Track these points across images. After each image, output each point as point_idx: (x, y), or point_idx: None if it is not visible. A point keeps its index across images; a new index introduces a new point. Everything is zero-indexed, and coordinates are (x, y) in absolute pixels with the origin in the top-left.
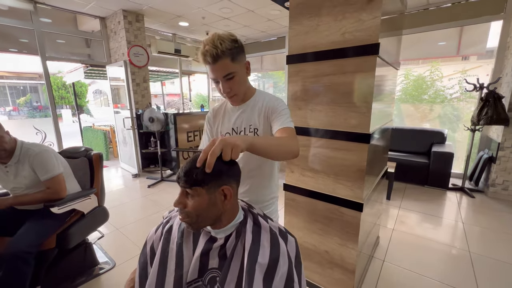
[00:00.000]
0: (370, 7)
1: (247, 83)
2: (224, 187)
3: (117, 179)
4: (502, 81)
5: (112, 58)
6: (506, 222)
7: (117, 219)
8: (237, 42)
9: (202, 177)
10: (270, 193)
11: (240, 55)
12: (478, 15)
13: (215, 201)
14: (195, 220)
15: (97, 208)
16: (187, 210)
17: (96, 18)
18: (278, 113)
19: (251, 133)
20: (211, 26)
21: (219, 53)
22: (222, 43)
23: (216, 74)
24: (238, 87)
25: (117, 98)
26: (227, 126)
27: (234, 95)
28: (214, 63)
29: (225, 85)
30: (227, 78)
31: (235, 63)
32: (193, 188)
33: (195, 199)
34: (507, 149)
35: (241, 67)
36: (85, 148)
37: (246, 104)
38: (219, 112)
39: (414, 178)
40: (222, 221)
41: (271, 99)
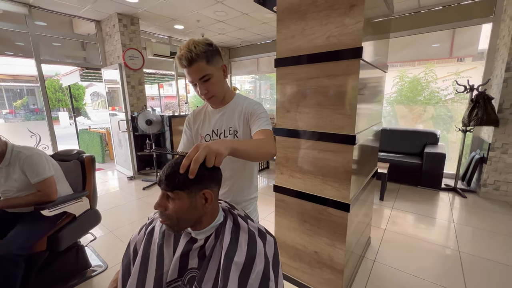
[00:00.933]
0: (353, 12)
1: (224, 85)
2: (205, 191)
3: (113, 182)
4: (492, 82)
5: (107, 61)
6: (497, 222)
7: (111, 222)
8: (211, 46)
9: (183, 181)
10: (249, 194)
11: (215, 58)
12: (469, 18)
13: (196, 205)
14: (176, 222)
15: (89, 210)
16: (168, 213)
17: (92, 21)
18: (257, 116)
19: (230, 135)
20: (206, 29)
21: (194, 56)
22: (197, 46)
23: (193, 76)
24: (215, 88)
25: (113, 101)
26: (207, 127)
27: (212, 96)
28: (189, 66)
29: (202, 87)
30: (203, 80)
31: (210, 65)
32: (174, 192)
33: (176, 202)
34: (497, 149)
35: (217, 69)
36: (77, 151)
37: (226, 107)
38: (199, 114)
39: (407, 178)
40: (203, 222)
41: (250, 102)
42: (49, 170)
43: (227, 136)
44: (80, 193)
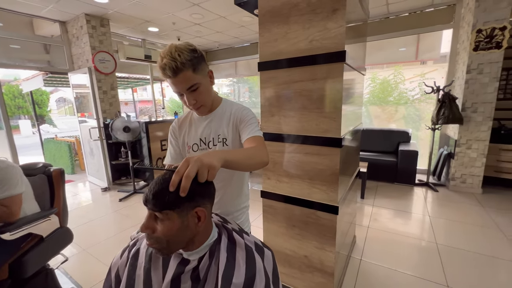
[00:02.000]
0: (335, 17)
1: (212, 92)
2: (198, 209)
3: (85, 194)
4: (455, 83)
5: (75, 65)
6: (466, 213)
7: (84, 239)
8: (196, 52)
9: (173, 200)
10: (240, 203)
11: (201, 65)
12: (432, 24)
13: (188, 224)
14: (165, 245)
15: (59, 229)
16: (156, 235)
17: (56, 22)
18: (246, 122)
19: (219, 143)
20: (182, 31)
21: (179, 65)
22: (181, 54)
23: (179, 87)
24: (203, 97)
25: (82, 107)
26: (194, 136)
27: (200, 106)
28: (175, 76)
29: (190, 97)
30: (191, 90)
31: (197, 73)
32: (163, 212)
33: (165, 223)
34: (463, 145)
35: (204, 77)
36: (43, 163)
37: (213, 114)
38: (184, 122)
39: (384, 176)
40: (195, 242)
41: (238, 108)
42: (20, 186)
43: (216, 145)
44: (48, 211)
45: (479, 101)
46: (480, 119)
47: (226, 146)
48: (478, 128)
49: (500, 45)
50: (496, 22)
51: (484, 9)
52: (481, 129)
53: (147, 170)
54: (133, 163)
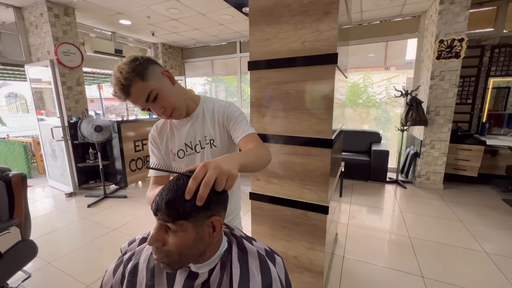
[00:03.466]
0: (328, 19)
1: (179, 93)
2: (213, 219)
3: (46, 201)
4: (421, 88)
5: (33, 56)
6: (431, 207)
7: (47, 251)
8: (137, 60)
9: (189, 209)
10: (235, 208)
11: (148, 70)
12: (399, 33)
13: (203, 235)
14: (177, 259)
15: (21, 243)
16: (167, 248)
17: (9, 7)
18: (236, 120)
19: (207, 145)
20: (157, 26)
21: (124, 83)
22: (122, 71)
23: (138, 102)
24: (170, 101)
25: (41, 103)
26: (178, 142)
27: (172, 110)
28: (128, 95)
29: (155, 107)
30: (150, 100)
31: (148, 80)
32: (177, 223)
33: (179, 235)
34: (427, 145)
35: (159, 80)
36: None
37: (194, 115)
38: (164, 128)
39: (359, 174)
40: (206, 254)
41: (221, 105)
42: None
43: (204, 147)
44: (7, 223)
45: (441, 105)
46: (442, 121)
47: (215, 147)
48: (440, 130)
49: (459, 55)
50: (456, 34)
51: (445, 22)
52: (442, 131)
53: (163, 171)
54: (97, 155)
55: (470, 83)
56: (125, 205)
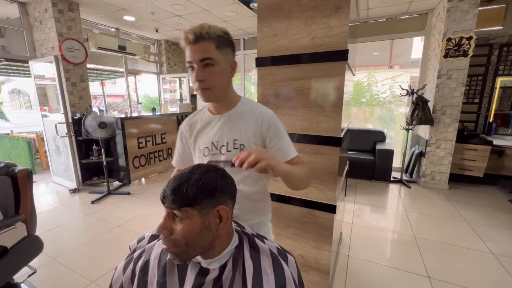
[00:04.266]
0: (339, 15)
1: (227, 84)
2: (220, 207)
3: (50, 197)
4: (427, 87)
5: (37, 52)
6: (436, 207)
7: (52, 247)
8: (227, 35)
9: (194, 195)
10: (262, 214)
11: (227, 47)
12: (406, 31)
13: (209, 225)
14: (184, 249)
15: (27, 238)
16: (174, 237)
17: (13, 2)
18: (279, 136)
19: (235, 150)
20: (161, 22)
21: (203, 34)
22: (211, 27)
23: (194, 55)
24: (215, 79)
25: (44, 99)
26: (205, 139)
27: (208, 88)
28: (194, 42)
29: (200, 72)
30: (204, 63)
31: (219, 52)
32: (182, 209)
33: (185, 223)
34: (432, 145)
35: (225, 59)
36: (5, 163)
37: (229, 114)
38: (195, 123)
39: (363, 173)
40: (215, 248)
41: (266, 114)
42: None
43: (230, 151)
44: (13, 219)
45: (448, 104)
46: (448, 121)
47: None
48: (446, 129)
49: (467, 54)
50: (464, 32)
51: (453, 20)
52: (448, 130)
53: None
54: (100, 152)
55: (478, 82)
56: (129, 201)
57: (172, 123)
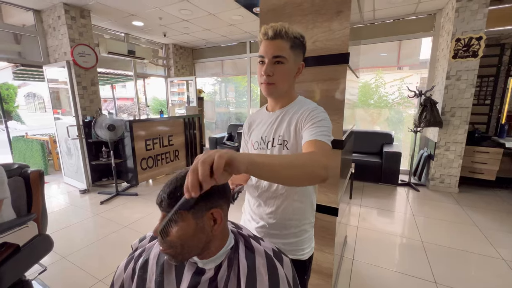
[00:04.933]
0: (340, 18)
1: (291, 82)
2: (213, 210)
3: (61, 197)
4: (435, 89)
5: (50, 57)
6: (445, 211)
7: (62, 246)
8: (303, 38)
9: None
10: (303, 218)
11: (299, 49)
12: (413, 32)
13: (203, 227)
14: (180, 251)
15: (38, 237)
16: (170, 239)
17: (29, 10)
18: (312, 122)
19: (279, 145)
20: (169, 27)
21: (282, 32)
22: (290, 28)
23: (268, 50)
24: (281, 76)
25: (57, 103)
26: (258, 133)
27: (272, 83)
28: (272, 38)
29: (270, 67)
30: (276, 60)
31: (292, 52)
32: (177, 212)
33: (180, 225)
34: (441, 147)
35: (295, 60)
36: (19, 165)
37: (281, 111)
38: (254, 121)
39: (369, 176)
40: (211, 248)
41: (309, 107)
42: (4, 191)
43: (275, 146)
44: (25, 217)
45: (457, 106)
46: (458, 123)
47: (287, 149)
48: (455, 131)
49: (476, 54)
50: (473, 32)
51: (462, 20)
52: (458, 132)
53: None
54: (109, 154)
55: (489, 83)
56: (136, 202)
57: (179, 125)
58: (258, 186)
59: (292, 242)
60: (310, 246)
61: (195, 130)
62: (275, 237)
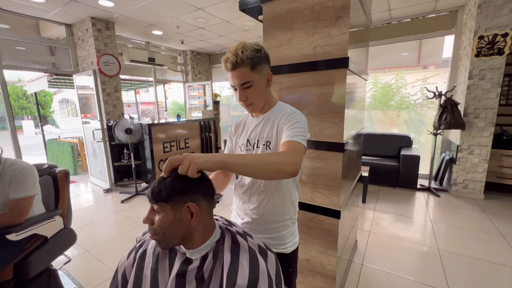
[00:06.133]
0: (339, 24)
1: (266, 94)
2: (189, 204)
3: (87, 195)
4: (457, 89)
5: (79, 67)
6: (468, 218)
7: (86, 240)
8: (260, 52)
9: (167, 192)
10: (283, 214)
11: (261, 65)
12: (433, 30)
13: (181, 219)
14: (162, 237)
15: (63, 230)
16: (154, 227)
17: (62, 25)
18: (290, 125)
19: (263, 146)
20: (186, 35)
21: (238, 61)
22: (244, 51)
23: (234, 81)
24: (255, 96)
25: (86, 108)
26: (243, 137)
27: (250, 104)
28: (232, 70)
29: (242, 93)
30: (244, 86)
31: (254, 72)
32: (158, 204)
33: (161, 215)
34: (464, 150)
35: (260, 77)
36: (48, 165)
37: (264, 116)
38: (240, 125)
39: (386, 180)
40: (194, 239)
41: (287, 111)
42: (35, 188)
43: (259, 147)
44: (53, 212)
45: (481, 107)
46: (482, 124)
47: (269, 149)
48: (480, 134)
49: (502, 52)
50: (498, 28)
51: (486, 16)
52: (483, 135)
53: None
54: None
55: None
56: None
57: (195, 128)
58: (242, 184)
59: (275, 237)
60: (292, 241)
61: (211, 133)
62: (259, 232)
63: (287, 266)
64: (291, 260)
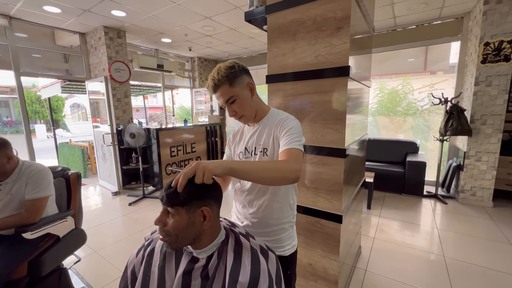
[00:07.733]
0: (340, 34)
1: (253, 103)
2: (203, 208)
3: (96, 198)
4: (464, 95)
5: (92, 74)
6: (476, 226)
7: (95, 241)
8: (233, 68)
9: (183, 197)
10: (282, 217)
11: (238, 79)
12: (439, 36)
13: (194, 222)
14: (174, 239)
15: (74, 230)
16: (167, 228)
17: (76, 33)
18: (285, 132)
19: (260, 153)
20: (194, 42)
21: (217, 82)
22: (219, 72)
23: (219, 100)
24: (242, 108)
25: (96, 112)
26: (241, 146)
27: (241, 116)
28: (214, 92)
29: (229, 108)
30: (229, 102)
31: (234, 87)
32: (174, 207)
33: (175, 218)
34: (472, 157)
35: (241, 89)
36: (62, 167)
37: (259, 124)
38: (237, 134)
39: (391, 187)
40: (202, 241)
41: (281, 118)
42: (50, 189)
43: (257, 154)
44: (65, 213)
45: (488, 113)
46: (490, 131)
47: (266, 156)
48: (487, 140)
49: (509, 58)
50: (504, 35)
51: (491, 23)
52: (490, 141)
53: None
54: (138, 159)
55: None
56: (160, 205)
57: (201, 133)
58: (242, 190)
59: (273, 240)
60: (291, 244)
61: (217, 138)
62: (258, 235)
63: (286, 269)
64: (289, 263)
